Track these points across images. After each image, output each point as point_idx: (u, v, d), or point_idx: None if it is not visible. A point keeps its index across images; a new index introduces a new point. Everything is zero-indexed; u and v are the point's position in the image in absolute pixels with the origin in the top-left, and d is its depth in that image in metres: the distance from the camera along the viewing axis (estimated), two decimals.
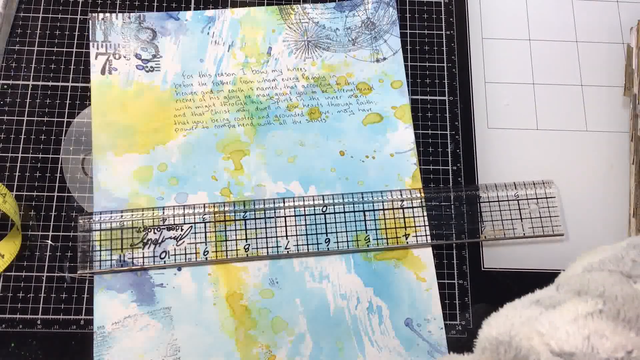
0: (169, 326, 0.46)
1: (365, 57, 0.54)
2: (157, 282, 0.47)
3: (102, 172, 0.50)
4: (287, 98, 0.53)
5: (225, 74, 0.53)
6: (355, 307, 0.47)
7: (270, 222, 0.49)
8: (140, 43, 0.53)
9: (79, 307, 0.47)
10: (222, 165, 0.50)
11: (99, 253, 0.47)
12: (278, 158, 0.51)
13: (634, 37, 0.54)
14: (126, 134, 0.51)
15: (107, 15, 0.54)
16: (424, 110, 0.53)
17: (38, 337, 0.46)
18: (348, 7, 0.56)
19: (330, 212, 0.49)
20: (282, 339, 0.46)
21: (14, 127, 0.51)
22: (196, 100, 0.52)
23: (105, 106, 0.51)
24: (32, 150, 0.51)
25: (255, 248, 0.48)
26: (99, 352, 0.45)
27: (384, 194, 0.50)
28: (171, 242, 0.48)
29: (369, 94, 0.53)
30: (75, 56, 0.53)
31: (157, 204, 0.49)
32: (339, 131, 0.52)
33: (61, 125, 0.51)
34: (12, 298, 0.47)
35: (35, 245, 0.48)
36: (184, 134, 0.51)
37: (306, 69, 0.53)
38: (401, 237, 0.49)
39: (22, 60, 0.53)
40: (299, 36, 0.54)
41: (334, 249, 0.48)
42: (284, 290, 0.47)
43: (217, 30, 0.54)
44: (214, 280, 0.47)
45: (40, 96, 0.52)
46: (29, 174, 0.50)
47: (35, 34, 0.54)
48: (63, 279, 0.48)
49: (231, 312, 0.47)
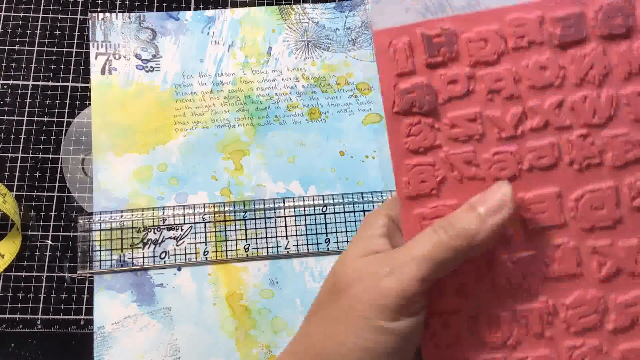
0: (169, 326, 0.46)
1: (365, 57, 0.54)
2: (157, 282, 0.47)
3: (102, 172, 0.50)
4: (287, 98, 0.53)
5: (225, 74, 0.53)
6: None
7: (270, 222, 0.49)
8: (140, 43, 0.53)
9: (79, 307, 0.47)
10: (222, 165, 0.50)
11: (99, 253, 0.47)
12: (278, 158, 0.51)
13: None
14: (126, 134, 0.51)
15: (107, 15, 0.54)
16: None
17: (38, 337, 0.46)
18: (348, 7, 0.56)
19: (330, 212, 0.49)
20: (282, 339, 0.46)
21: (14, 127, 0.51)
22: (196, 100, 0.52)
23: (105, 106, 0.51)
24: (32, 150, 0.51)
25: (255, 248, 0.48)
26: (99, 352, 0.45)
27: (384, 194, 0.50)
28: (171, 242, 0.48)
29: (369, 94, 0.53)
30: (75, 56, 0.53)
31: (157, 204, 0.49)
32: (339, 131, 0.52)
33: (61, 125, 0.51)
34: (12, 298, 0.47)
35: (35, 245, 0.48)
36: (184, 134, 0.51)
37: (306, 69, 0.53)
38: None
39: (22, 60, 0.53)
40: (299, 36, 0.54)
41: (334, 249, 0.48)
42: (284, 290, 0.47)
43: (217, 30, 0.54)
44: (214, 280, 0.47)
45: (40, 96, 0.52)
46: (29, 174, 0.50)
47: (35, 34, 0.54)
48: (63, 279, 0.48)
49: (231, 312, 0.47)
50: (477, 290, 0.29)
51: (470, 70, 0.29)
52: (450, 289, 0.29)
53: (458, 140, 0.29)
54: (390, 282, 0.27)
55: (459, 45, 0.29)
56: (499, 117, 0.29)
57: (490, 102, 0.29)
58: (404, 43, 0.29)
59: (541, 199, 0.29)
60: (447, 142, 0.29)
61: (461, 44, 0.29)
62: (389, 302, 0.27)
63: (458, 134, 0.29)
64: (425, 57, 0.29)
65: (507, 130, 0.29)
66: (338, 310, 0.28)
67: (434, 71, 0.29)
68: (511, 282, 0.29)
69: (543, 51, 0.28)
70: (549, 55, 0.28)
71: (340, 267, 0.30)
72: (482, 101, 0.29)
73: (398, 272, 0.27)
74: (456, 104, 0.29)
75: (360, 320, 0.27)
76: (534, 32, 0.28)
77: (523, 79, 0.28)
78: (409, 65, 0.29)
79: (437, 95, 0.29)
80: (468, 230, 0.27)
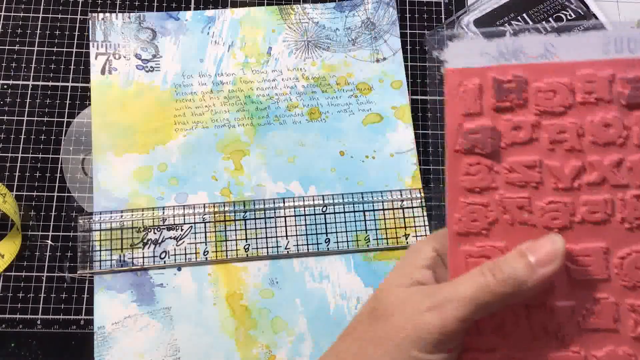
0: (169, 326, 0.46)
1: (365, 57, 0.54)
2: (157, 282, 0.47)
3: (102, 172, 0.50)
4: (287, 98, 0.53)
5: (225, 74, 0.53)
6: (355, 307, 0.47)
7: (270, 222, 0.49)
8: (140, 43, 0.53)
9: (79, 307, 0.47)
10: (222, 165, 0.50)
11: (99, 253, 0.47)
12: (278, 158, 0.51)
13: None
14: (126, 134, 0.51)
15: (107, 15, 0.54)
16: (424, 110, 0.53)
17: (38, 337, 0.46)
18: (348, 7, 0.56)
19: (330, 212, 0.49)
20: (282, 339, 0.46)
21: (14, 127, 0.51)
22: (196, 100, 0.52)
23: (105, 106, 0.51)
24: (32, 150, 0.51)
25: (255, 248, 0.48)
26: (99, 352, 0.45)
27: (384, 194, 0.50)
28: (171, 242, 0.48)
29: (369, 94, 0.53)
30: (75, 56, 0.53)
31: (157, 204, 0.49)
32: (339, 131, 0.52)
33: (61, 125, 0.51)
34: (12, 298, 0.47)
35: (35, 245, 0.48)
36: (184, 134, 0.51)
37: (306, 69, 0.53)
38: (401, 237, 0.49)
39: (22, 60, 0.53)
40: (299, 36, 0.54)
41: (334, 249, 0.48)
42: (284, 290, 0.47)
43: (217, 30, 0.54)
44: (214, 280, 0.47)
45: (40, 96, 0.52)
46: (29, 174, 0.50)
47: (35, 34, 0.54)
48: (63, 279, 0.48)
49: (231, 312, 0.47)
50: (514, 332, 0.30)
51: (536, 119, 0.29)
52: (488, 327, 0.30)
53: (515, 185, 0.30)
54: (432, 318, 0.28)
55: (527, 93, 0.29)
56: (558, 167, 0.29)
57: (551, 152, 0.29)
58: (474, 84, 0.30)
59: (588, 253, 0.29)
60: (503, 186, 0.30)
61: (530, 92, 0.29)
62: (427, 337, 0.27)
63: (516, 179, 0.30)
64: (493, 101, 0.30)
65: (564, 182, 0.29)
66: (375, 334, 0.29)
67: (500, 115, 0.30)
68: (547, 328, 0.30)
69: (609, 109, 0.29)
70: (615, 114, 0.29)
71: (382, 293, 0.30)
72: (544, 150, 0.29)
73: (441, 308, 0.28)
74: (518, 150, 0.30)
75: (396, 348, 0.28)
76: (603, 90, 0.29)
77: (586, 134, 0.29)
78: (477, 106, 0.30)
79: (500, 138, 0.30)
80: (517, 278, 0.27)
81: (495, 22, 0.51)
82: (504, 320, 0.30)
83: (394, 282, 0.30)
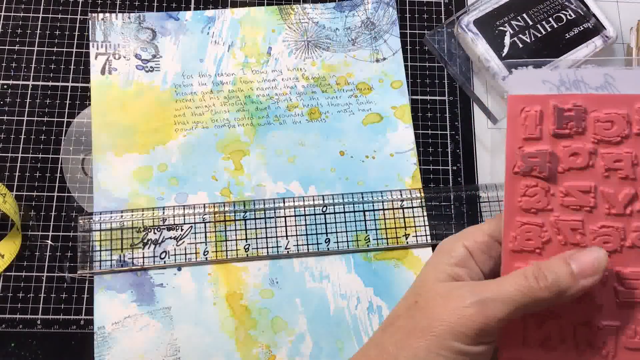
0: (169, 326, 0.46)
1: (365, 57, 0.54)
2: (157, 282, 0.47)
3: (102, 172, 0.50)
4: (287, 98, 0.53)
5: (225, 74, 0.53)
6: (356, 307, 0.47)
7: (270, 222, 0.49)
8: (140, 43, 0.53)
9: (79, 307, 0.47)
10: (222, 165, 0.50)
11: (99, 253, 0.47)
12: (278, 158, 0.51)
13: (634, 37, 0.54)
14: (126, 134, 0.51)
15: (107, 15, 0.54)
16: (424, 110, 0.53)
17: (38, 337, 0.46)
18: (348, 7, 0.56)
19: (330, 212, 0.49)
20: (282, 339, 0.46)
21: (14, 127, 0.51)
22: (196, 100, 0.52)
23: (105, 106, 0.51)
24: (32, 150, 0.51)
25: (255, 248, 0.48)
26: (99, 352, 0.45)
27: (384, 194, 0.50)
28: (171, 242, 0.48)
29: (369, 94, 0.53)
30: (75, 56, 0.53)
31: (157, 204, 0.49)
32: (339, 131, 0.52)
33: (61, 125, 0.51)
34: (12, 298, 0.47)
35: (35, 245, 0.48)
36: (184, 134, 0.51)
37: (306, 69, 0.53)
38: (401, 237, 0.49)
39: (22, 60, 0.53)
40: (299, 36, 0.54)
41: (334, 249, 0.48)
42: (284, 290, 0.47)
43: (217, 30, 0.54)
44: (214, 280, 0.47)
45: (40, 96, 0.52)
46: (29, 174, 0.50)
47: (35, 34, 0.54)
48: (63, 279, 0.48)
49: (231, 312, 0.47)
50: (559, 347, 0.32)
51: (593, 147, 0.31)
52: (536, 341, 0.32)
53: (570, 208, 0.31)
54: (474, 313, 0.29)
55: (586, 122, 0.31)
56: (612, 194, 0.31)
57: (606, 178, 0.31)
58: (536, 111, 0.31)
59: (637, 276, 0.31)
60: (558, 208, 0.31)
61: (589, 120, 0.31)
62: (467, 330, 0.29)
63: (571, 202, 0.31)
64: (553, 127, 0.31)
65: (617, 208, 0.31)
66: (416, 325, 0.31)
67: (559, 141, 0.31)
68: (592, 345, 0.31)
69: None
70: None
71: (423, 288, 0.32)
72: (599, 177, 0.31)
73: (483, 305, 0.29)
74: (574, 175, 0.31)
75: (437, 338, 0.30)
76: None
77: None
78: (537, 132, 0.31)
79: (558, 163, 0.31)
80: (559, 287, 0.29)
81: (495, 22, 0.51)
82: (551, 335, 0.32)
83: (432, 279, 0.32)
